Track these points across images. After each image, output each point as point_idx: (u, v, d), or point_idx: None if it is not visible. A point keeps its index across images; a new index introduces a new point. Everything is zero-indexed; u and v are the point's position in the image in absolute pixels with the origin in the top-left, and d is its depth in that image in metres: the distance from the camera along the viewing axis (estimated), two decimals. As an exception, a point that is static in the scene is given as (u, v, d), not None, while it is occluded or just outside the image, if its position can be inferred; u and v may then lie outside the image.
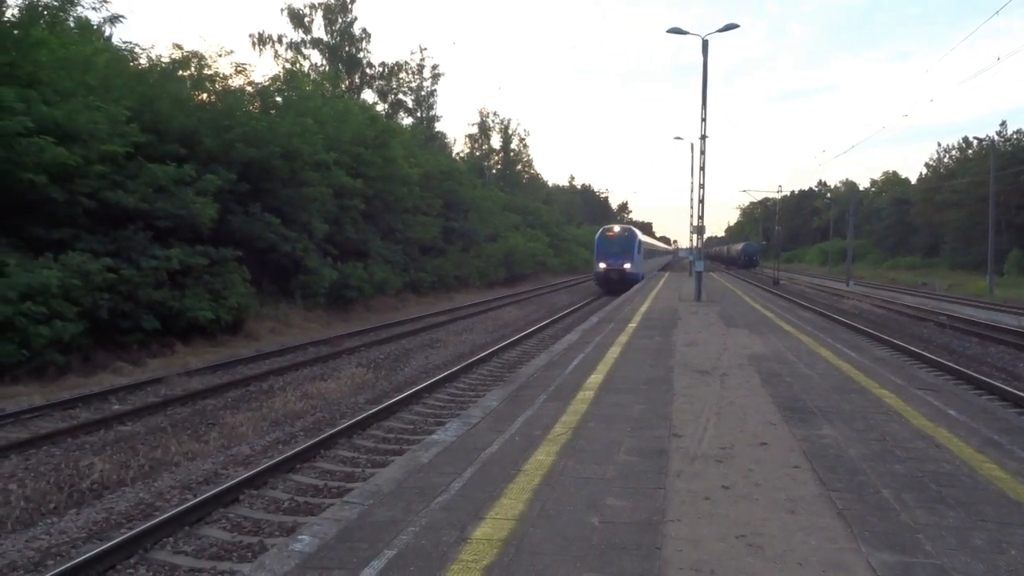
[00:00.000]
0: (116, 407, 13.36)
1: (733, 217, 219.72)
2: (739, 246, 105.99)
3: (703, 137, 29.15)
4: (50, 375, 15.52)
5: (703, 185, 29.99)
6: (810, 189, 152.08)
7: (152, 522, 7.44)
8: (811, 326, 20.09)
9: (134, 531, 7.23)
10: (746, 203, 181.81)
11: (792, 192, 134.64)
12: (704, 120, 28.79)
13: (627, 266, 43.60)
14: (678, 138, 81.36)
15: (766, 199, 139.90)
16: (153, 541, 7.24)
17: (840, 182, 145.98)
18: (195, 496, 8.52)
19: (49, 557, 7.07)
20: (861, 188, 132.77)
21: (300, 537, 5.01)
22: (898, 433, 7.97)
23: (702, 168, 29.67)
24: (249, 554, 6.99)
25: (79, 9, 21.63)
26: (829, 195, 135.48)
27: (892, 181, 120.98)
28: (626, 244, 44.81)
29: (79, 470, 9.43)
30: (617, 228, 48.19)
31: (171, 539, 7.37)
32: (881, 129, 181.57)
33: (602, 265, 44.30)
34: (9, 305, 14.73)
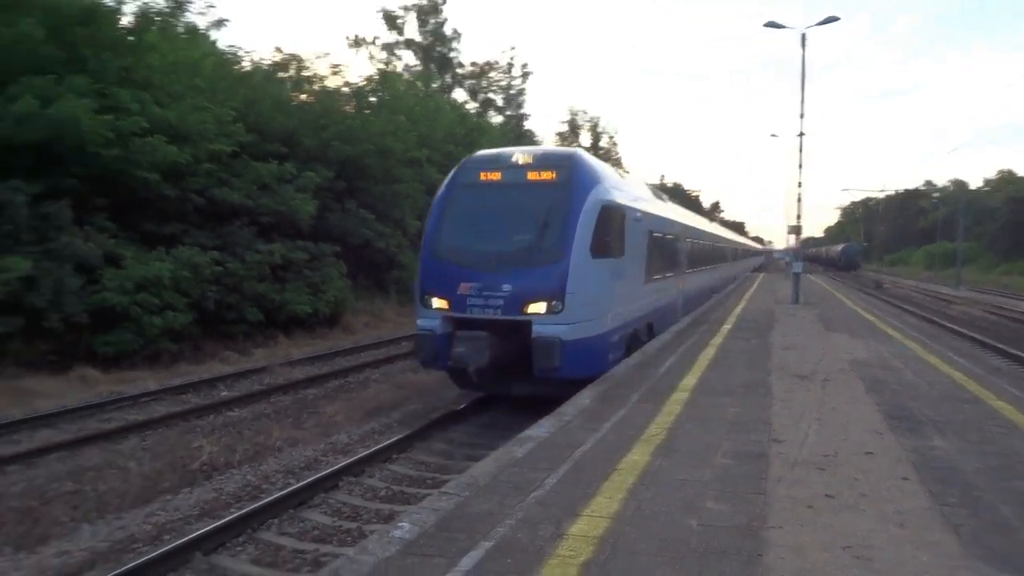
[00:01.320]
0: (224, 393, 14.05)
1: (832, 218, 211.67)
2: (839, 247, 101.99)
3: (801, 134, 28.20)
4: (163, 362, 16.47)
5: (801, 184, 29.01)
6: (916, 189, 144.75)
7: (259, 503, 7.80)
8: (917, 332, 19.14)
9: (243, 511, 7.59)
10: (846, 203, 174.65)
11: (896, 192, 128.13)
12: (802, 117, 27.85)
13: (543, 311, 10.67)
14: (774, 135, 77.47)
15: (868, 199, 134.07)
16: (260, 522, 7.59)
17: (949, 181, 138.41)
18: (298, 481, 8.87)
19: (165, 532, 7.51)
20: (972, 188, 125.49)
21: (400, 524, 5.14)
22: (1019, 448, 7.51)
23: (800, 166, 28.70)
24: (349, 539, 7.24)
25: (187, 14, 22.81)
26: (937, 195, 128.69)
27: (1007, 180, 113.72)
28: (553, 205, 11.19)
29: (190, 451, 9.97)
30: (516, 153, 12.21)
31: (276, 520, 7.71)
32: (995, 127, 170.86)
33: (437, 305, 11.26)
34: (126, 296, 15.72)
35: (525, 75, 69.99)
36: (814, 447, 7.32)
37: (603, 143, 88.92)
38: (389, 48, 60.19)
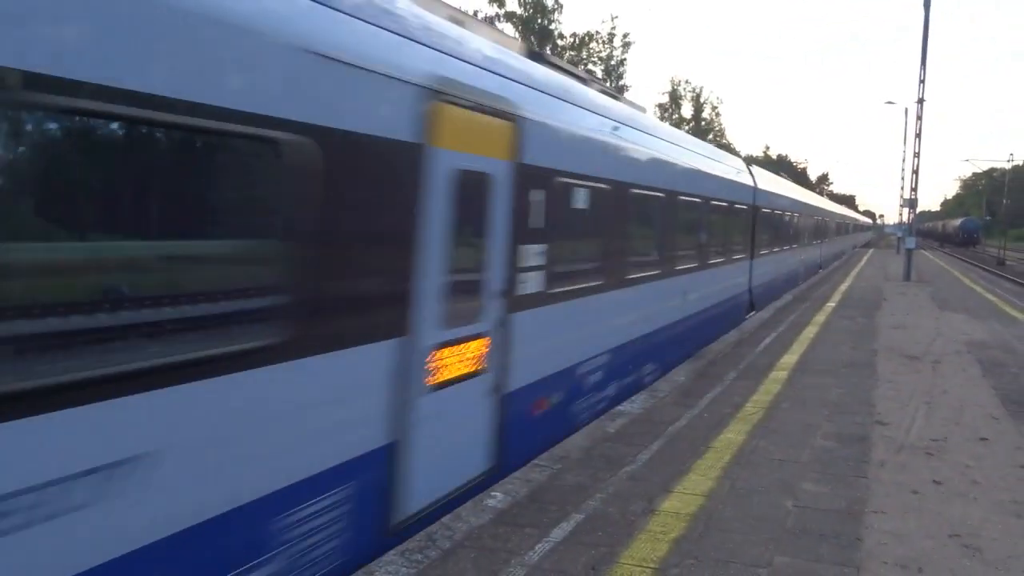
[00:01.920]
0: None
1: (951, 190, 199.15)
2: (957, 222, 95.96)
3: (920, 101, 26.55)
4: None
5: (918, 154, 27.37)
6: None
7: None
8: (1044, 312, 17.89)
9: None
10: (967, 174, 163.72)
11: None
12: (923, 82, 26.19)
13: None
14: (890, 103, 72.64)
15: (992, 170, 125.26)
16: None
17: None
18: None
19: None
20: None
21: (493, 494, 5.25)
22: None
23: (918, 135, 27.06)
24: (444, 506, 7.43)
25: None
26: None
27: None
28: None
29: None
30: None
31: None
32: None
33: None
34: None
35: (626, 45, 68.71)
36: (922, 431, 7.00)
37: (705, 113, 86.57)
38: (490, 22, 60.37)
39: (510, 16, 61.94)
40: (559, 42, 64.82)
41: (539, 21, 62.49)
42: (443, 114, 4.62)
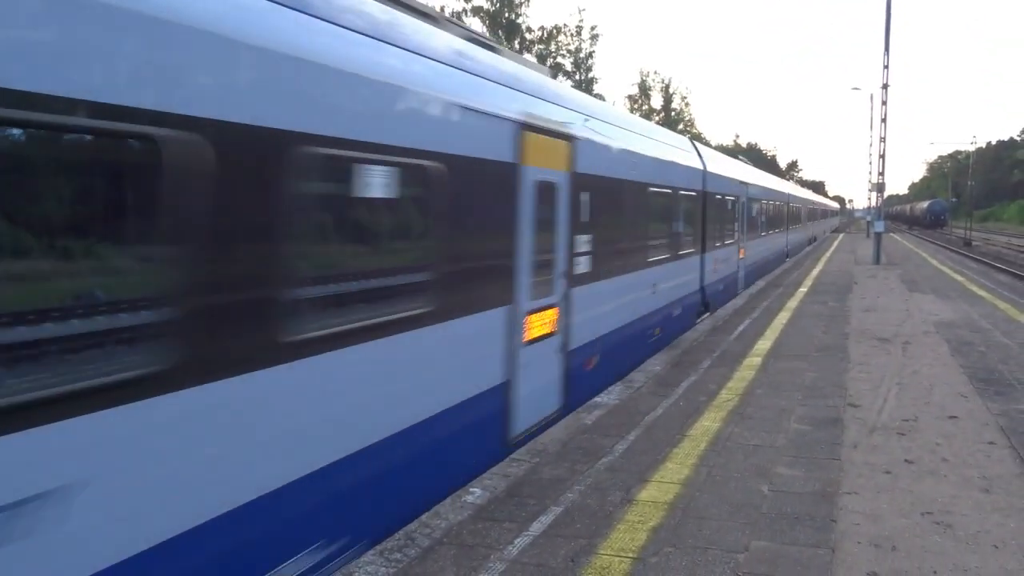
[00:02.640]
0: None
1: (917, 173, 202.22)
2: (924, 204, 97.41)
3: (885, 86, 26.93)
4: None
5: (884, 138, 27.79)
6: (1010, 139, 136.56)
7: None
8: (1009, 291, 18.24)
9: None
10: (933, 157, 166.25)
11: (988, 143, 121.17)
12: (886, 67, 26.56)
13: None
14: (855, 89, 73.93)
15: (957, 152, 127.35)
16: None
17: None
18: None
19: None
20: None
21: (472, 490, 5.26)
22: (1117, 410, 7.13)
23: (883, 120, 27.48)
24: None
25: None
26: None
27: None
28: None
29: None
30: None
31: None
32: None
33: None
34: None
35: (594, 37, 68.84)
36: (893, 412, 7.11)
37: (675, 104, 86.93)
38: (457, 16, 60.09)
39: (477, 11, 61.67)
40: (527, 36, 64.65)
41: (506, 15, 62.32)
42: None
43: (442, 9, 61.22)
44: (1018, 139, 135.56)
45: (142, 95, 2.84)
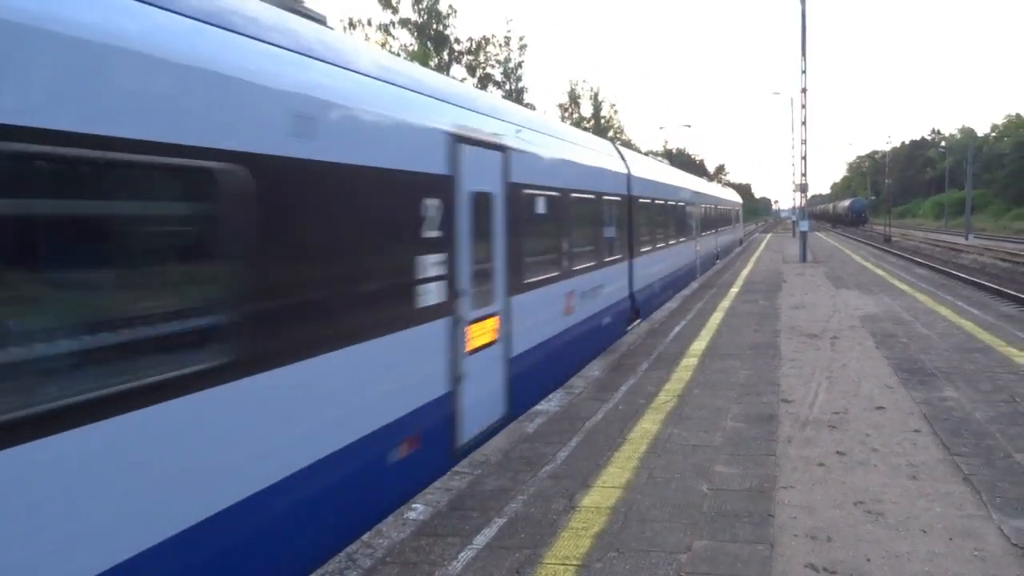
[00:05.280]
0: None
1: (839, 173, 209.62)
2: (846, 203, 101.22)
3: (803, 90, 27.86)
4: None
5: (804, 140, 28.75)
6: (922, 139, 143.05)
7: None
8: (928, 283, 19.05)
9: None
10: (853, 158, 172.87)
11: (902, 143, 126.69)
12: (804, 72, 27.49)
13: None
14: (776, 93, 76.20)
15: (874, 152, 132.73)
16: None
17: (956, 129, 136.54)
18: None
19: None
20: (980, 135, 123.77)
21: (414, 506, 5.18)
22: (1030, 394, 7.49)
23: (803, 123, 28.42)
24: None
25: None
26: (943, 143, 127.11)
27: (1016, 124, 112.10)
28: None
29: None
30: None
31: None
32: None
33: None
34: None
35: (523, 47, 69.34)
36: (824, 405, 7.32)
37: (604, 112, 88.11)
38: (384, 28, 59.71)
39: (405, 22, 61.43)
40: (456, 47, 64.73)
41: (434, 27, 62.23)
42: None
43: (369, 22, 60.83)
44: (929, 138, 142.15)
45: None
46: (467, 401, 6.26)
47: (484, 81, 66.78)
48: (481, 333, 6.63)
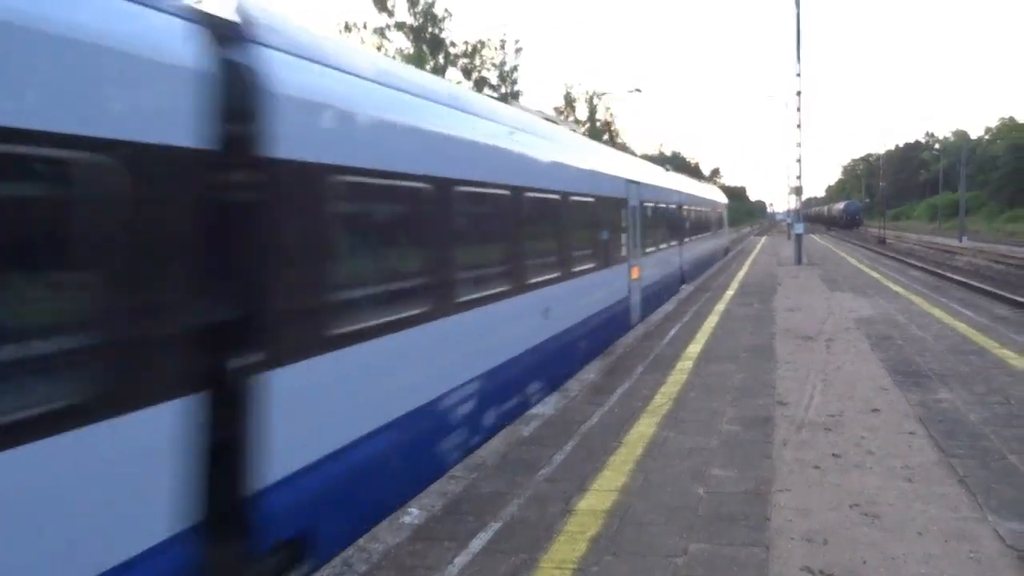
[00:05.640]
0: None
1: (833, 176, 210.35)
2: (840, 205, 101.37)
3: (798, 93, 27.96)
4: None
5: (800, 144, 28.84)
6: (916, 141, 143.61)
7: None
8: (922, 286, 19.10)
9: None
10: (847, 160, 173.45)
11: (896, 146, 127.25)
12: (799, 75, 27.60)
13: None
14: (770, 96, 76.16)
15: (868, 155, 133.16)
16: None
17: (950, 132, 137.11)
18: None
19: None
20: (973, 137, 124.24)
21: (409, 510, 5.17)
22: (1024, 396, 7.51)
23: (798, 126, 28.50)
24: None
25: None
26: (937, 146, 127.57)
27: (1009, 127, 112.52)
28: None
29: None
30: None
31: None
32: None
33: None
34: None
35: (518, 51, 69.45)
36: (820, 408, 7.33)
37: (600, 115, 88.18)
38: (380, 32, 59.72)
39: (400, 26, 61.46)
40: (451, 50, 64.78)
41: (430, 30, 62.31)
42: None
43: (365, 25, 60.79)
44: (923, 141, 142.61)
45: None
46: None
47: (480, 84, 66.83)
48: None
